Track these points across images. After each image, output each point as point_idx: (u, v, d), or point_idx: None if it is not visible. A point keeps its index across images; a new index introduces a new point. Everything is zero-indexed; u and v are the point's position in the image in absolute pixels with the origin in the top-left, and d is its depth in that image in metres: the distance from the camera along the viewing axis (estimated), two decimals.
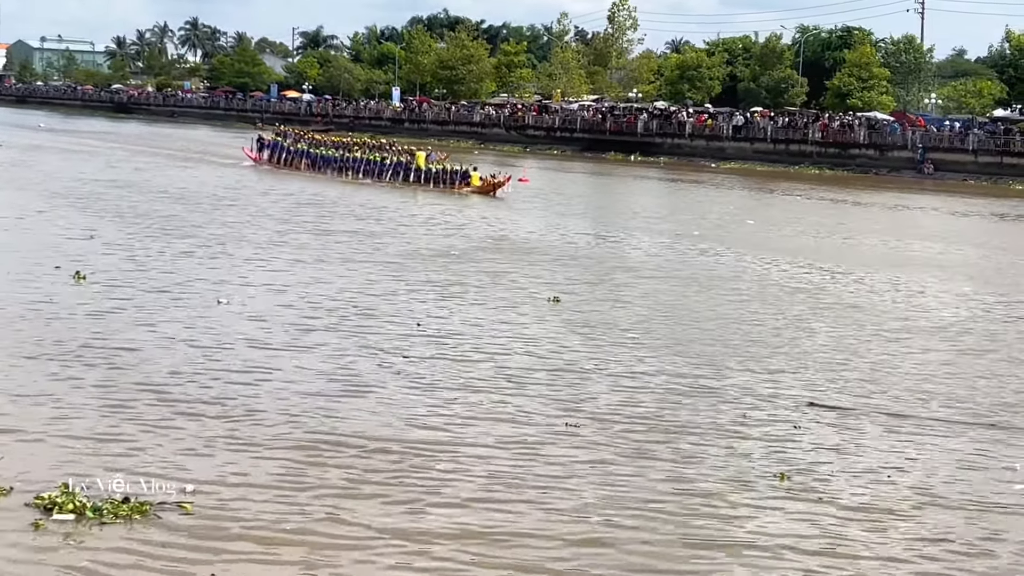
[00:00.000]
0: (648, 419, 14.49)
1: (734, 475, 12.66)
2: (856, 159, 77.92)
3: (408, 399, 14.93)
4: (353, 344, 17.88)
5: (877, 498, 12.12)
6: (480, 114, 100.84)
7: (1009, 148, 72.49)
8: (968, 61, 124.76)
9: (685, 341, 19.40)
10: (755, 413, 15.05)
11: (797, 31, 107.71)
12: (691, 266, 28.99)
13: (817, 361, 18.47)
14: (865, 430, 14.64)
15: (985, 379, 17.76)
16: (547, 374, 16.60)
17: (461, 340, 18.64)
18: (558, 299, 22.54)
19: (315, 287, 22.80)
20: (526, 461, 12.71)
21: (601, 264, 28.42)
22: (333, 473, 12.00)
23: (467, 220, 37.46)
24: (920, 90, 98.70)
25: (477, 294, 23.12)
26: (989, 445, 14.14)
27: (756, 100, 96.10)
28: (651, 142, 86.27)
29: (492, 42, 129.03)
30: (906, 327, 21.76)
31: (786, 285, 26.44)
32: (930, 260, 32.98)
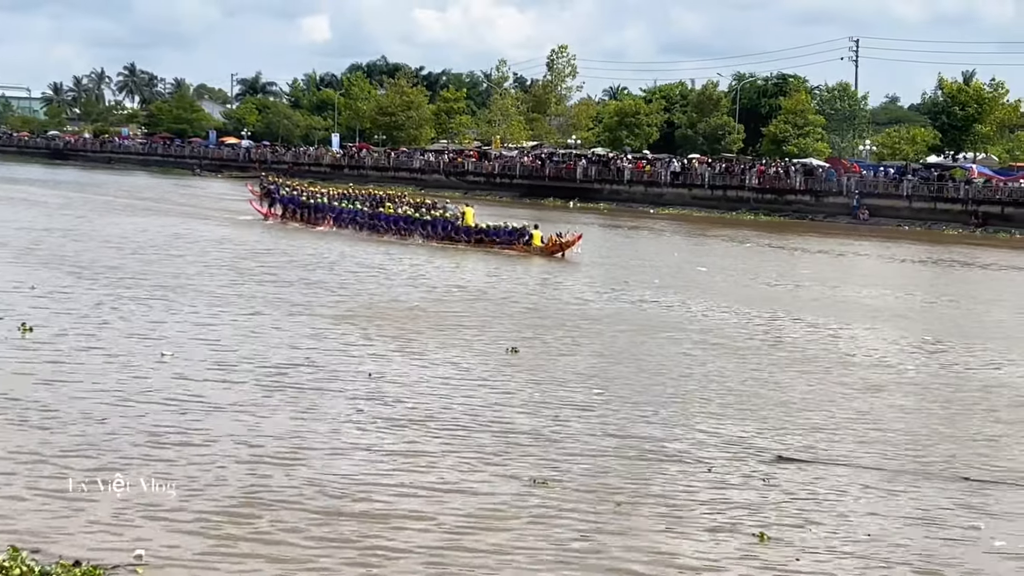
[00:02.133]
0: (614, 482, 14.11)
1: (713, 537, 12.40)
2: (792, 205, 78.69)
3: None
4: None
5: (860, 557, 12.05)
6: (420, 160, 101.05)
7: (942, 194, 73.54)
8: (901, 108, 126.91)
9: (650, 395, 19.10)
10: (724, 468, 14.86)
11: (733, 78, 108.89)
12: (659, 316, 28.85)
13: (786, 412, 18.34)
14: (835, 484, 14.46)
15: (949, 431, 17.74)
16: (507, 431, 16.26)
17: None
18: (516, 350, 22.27)
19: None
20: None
21: (560, 315, 28.05)
22: (286, 539, 11.72)
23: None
24: (855, 137, 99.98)
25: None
26: (960, 499, 14.10)
27: (693, 146, 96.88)
28: (590, 188, 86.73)
29: (431, 88, 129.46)
30: (865, 377, 21.72)
31: (749, 335, 26.38)
32: (882, 308, 33.22)
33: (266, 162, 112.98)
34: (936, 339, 27.19)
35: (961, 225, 70.70)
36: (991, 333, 29.13)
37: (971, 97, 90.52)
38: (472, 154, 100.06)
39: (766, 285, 38.03)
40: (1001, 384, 21.81)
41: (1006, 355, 25.43)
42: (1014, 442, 17.15)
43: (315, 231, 49.89)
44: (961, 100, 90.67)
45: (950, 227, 70.33)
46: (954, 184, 74.20)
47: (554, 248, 43.79)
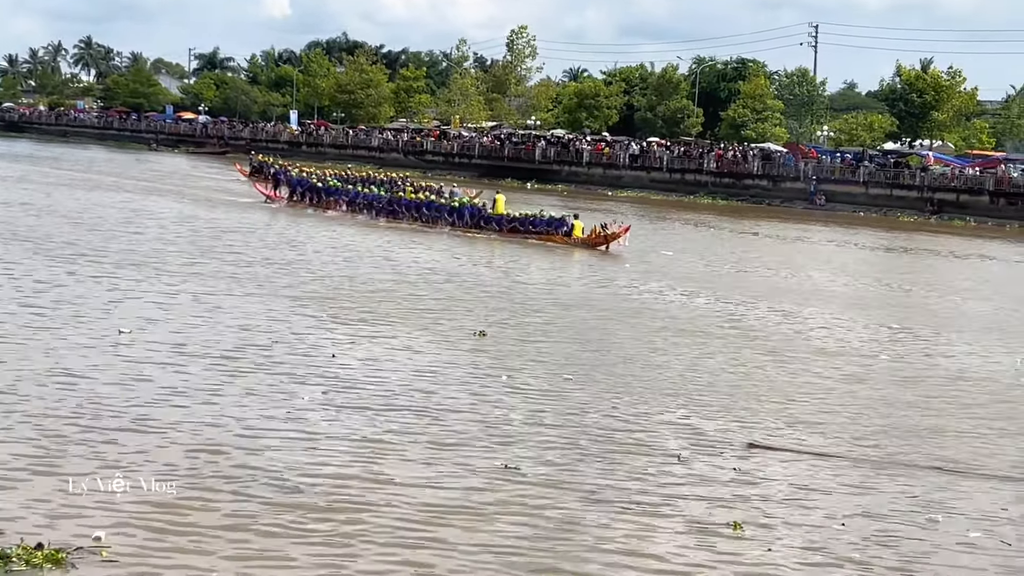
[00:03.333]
0: (583, 470, 13.86)
1: (686, 526, 12.24)
2: (750, 189, 78.99)
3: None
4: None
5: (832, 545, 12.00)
6: (378, 139, 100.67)
7: (898, 181, 74.08)
8: (859, 95, 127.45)
9: (619, 380, 18.85)
10: (695, 456, 14.71)
11: (693, 62, 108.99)
12: (629, 301, 28.59)
13: (755, 399, 18.23)
14: (807, 472, 14.38)
15: (918, 419, 17.70)
16: (477, 414, 16.06)
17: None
18: (484, 333, 21.98)
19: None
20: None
21: (529, 298, 27.75)
22: (251, 517, 11.54)
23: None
24: (813, 122, 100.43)
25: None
26: (934, 488, 14.07)
27: (652, 129, 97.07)
28: (549, 169, 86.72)
29: (391, 67, 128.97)
30: (832, 364, 21.73)
31: (717, 321, 26.22)
32: (844, 295, 33.32)
33: (223, 137, 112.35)
34: (899, 326, 27.32)
35: (917, 212, 71.25)
36: (953, 321, 29.39)
37: (928, 85, 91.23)
38: (431, 133, 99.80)
39: (730, 270, 38.02)
40: (964, 371, 21.94)
41: (969, 343, 25.63)
42: (984, 431, 17.16)
43: (327, 216, 47.29)
44: (918, 87, 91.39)
45: (905, 214, 70.88)
46: (910, 171, 74.75)
47: (597, 240, 41.01)
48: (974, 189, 71.62)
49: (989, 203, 70.62)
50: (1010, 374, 22.09)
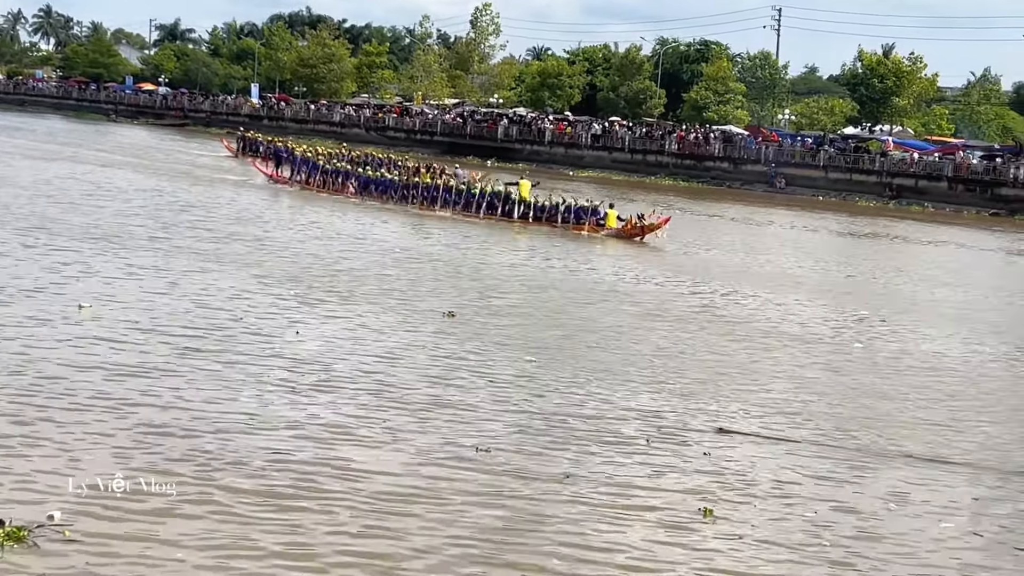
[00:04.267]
0: (550, 456, 13.62)
1: (656, 513, 12.07)
2: (711, 171, 79.27)
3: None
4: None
5: (803, 533, 11.94)
6: (340, 114, 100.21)
7: (858, 165, 74.55)
8: (821, 79, 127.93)
9: (586, 364, 18.69)
10: (664, 441, 14.54)
11: (656, 43, 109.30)
12: (596, 284, 28.56)
13: (724, 383, 18.16)
14: (777, 458, 14.26)
15: (887, 406, 17.72)
16: (441, 395, 15.88)
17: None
18: (453, 314, 21.74)
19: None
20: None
21: (494, 280, 27.53)
22: (212, 502, 11.27)
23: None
24: (774, 105, 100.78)
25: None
26: (904, 476, 14.01)
27: (615, 110, 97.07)
28: (511, 148, 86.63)
29: (354, 42, 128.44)
30: (800, 349, 21.76)
31: (684, 305, 26.19)
32: (808, 279, 33.59)
33: (183, 109, 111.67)
34: (869, 313, 27.45)
35: (875, 197, 71.70)
36: (922, 308, 29.52)
37: (890, 70, 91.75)
38: (393, 109, 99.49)
39: (697, 253, 38.04)
40: (934, 359, 22.00)
41: (938, 330, 25.76)
42: (954, 419, 17.18)
43: (337, 199, 45.01)
44: (880, 73, 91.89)
45: (865, 198, 71.34)
46: (870, 156, 75.19)
47: (633, 231, 39.01)
48: (933, 175, 72.15)
49: (947, 189, 71.17)
50: (978, 361, 22.14)
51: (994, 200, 69.19)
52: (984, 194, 69.94)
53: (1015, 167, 69.79)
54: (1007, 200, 68.72)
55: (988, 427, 16.89)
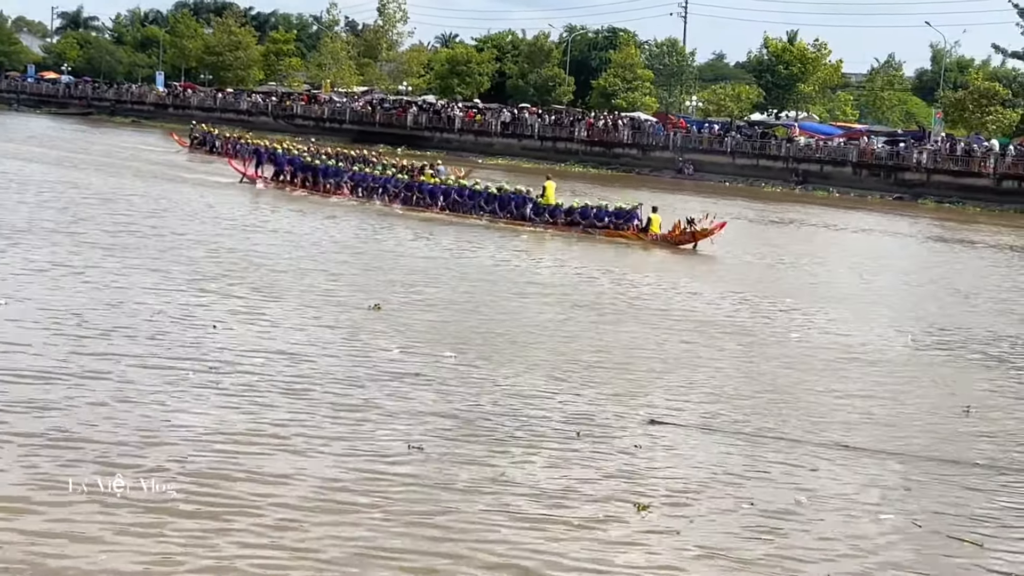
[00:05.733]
0: (478, 453, 13.33)
1: (589, 509, 11.77)
2: (620, 158, 79.81)
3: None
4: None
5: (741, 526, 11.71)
6: (247, 102, 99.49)
7: (764, 151, 75.48)
8: (728, 65, 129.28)
9: (516, 355, 18.48)
10: (595, 433, 14.30)
11: (565, 30, 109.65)
12: (522, 275, 28.20)
13: (652, 374, 18.03)
14: (711, 449, 14.09)
15: (817, 395, 17.67)
16: (375, 387, 15.60)
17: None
18: (379, 306, 21.34)
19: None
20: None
21: (422, 272, 27.04)
22: (112, 515, 10.61)
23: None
24: (682, 92, 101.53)
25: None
26: (841, 466, 13.91)
27: (524, 97, 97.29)
28: (420, 135, 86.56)
29: (261, 29, 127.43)
30: (723, 338, 21.66)
31: (609, 295, 25.96)
32: (739, 270, 33.24)
33: (87, 98, 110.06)
34: (792, 301, 27.49)
35: (782, 182, 72.64)
36: (842, 295, 29.69)
37: (795, 57, 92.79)
38: (301, 97, 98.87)
39: (613, 241, 37.24)
40: (860, 348, 21.89)
41: (860, 318, 25.71)
42: (883, 408, 17.12)
43: (331, 201, 41.93)
44: (785, 59, 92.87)
45: (771, 184, 72.19)
46: (776, 142, 76.10)
47: (681, 237, 35.80)
48: (838, 160, 73.27)
49: (852, 174, 72.32)
50: (901, 350, 22.22)
51: (898, 185, 70.36)
52: (888, 179, 71.14)
53: (918, 152, 71.05)
54: (910, 185, 69.90)
55: (916, 415, 16.91)
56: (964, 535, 11.88)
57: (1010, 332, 25.09)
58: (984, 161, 68.17)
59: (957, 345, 23.02)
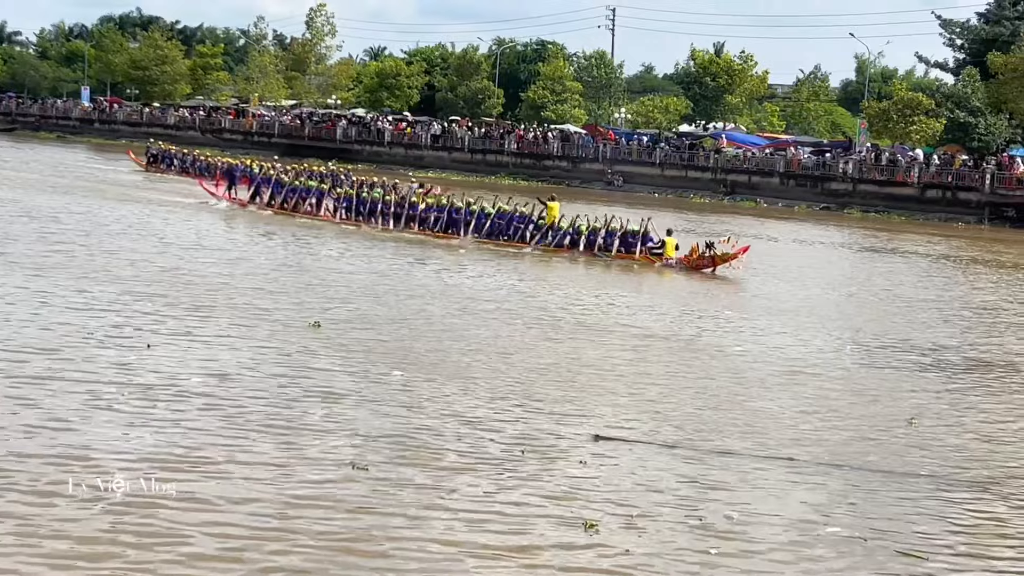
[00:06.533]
0: (420, 472, 13.17)
1: (536, 528, 11.68)
2: (550, 170, 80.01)
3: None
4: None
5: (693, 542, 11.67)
6: (174, 116, 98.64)
7: (693, 163, 75.98)
8: (656, 77, 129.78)
9: (459, 372, 18.37)
10: (540, 450, 14.24)
11: (494, 43, 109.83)
12: (467, 291, 27.93)
13: (597, 389, 17.98)
14: (657, 464, 14.04)
15: (767, 408, 17.68)
16: (314, 407, 15.41)
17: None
18: (319, 324, 21.16)
19: None
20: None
21: (360, 287, 26.89)
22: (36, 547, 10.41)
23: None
24: (611, 104, 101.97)
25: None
26: (785, 481, 13.89)
27: (454, 110, 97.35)
28: (350, 149, 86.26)
29: (187, 43, 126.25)
30: (676, 353, 21.65)
31: (555, 311, 25.80)
32: (678, 283, 33.20)
33: (11, 114, 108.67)
34: (733, 313, 27.62)
35: (710, 193, 73.14)
36: (781, 307, 29.65)
37: (722, 68, 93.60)
38: (229, 112, 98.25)
39: (544, 256, 36.77)
40: (799, 360, 21.88)
41: (799, 329, 25.77)
42: (824, 421, 17.15)
43: (308, 222, 40.55)
44: (712, 71, 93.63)
45: (700, 195, 72.65)
46: (704, 153, 76.65)
47: (699, 262, 34.26)
48: (765, 171, 73.90)
49: (779, 184, 72.95)
50: (842, 361, 22.25)
51: (824, 195, 71.12)
52: (815, 189, 71.87)
53: (844, 162, 71.81)
54: (837, 195, 70.66)
55: (860, 427, 16.93)
56: (910, 548, 11.93)
57: (951, 342, 25.27)
58: (909, 171, 69.02)
59: (898, 355, 23.11)
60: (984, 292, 35.55)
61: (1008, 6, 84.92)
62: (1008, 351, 24.51)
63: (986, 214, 65.19)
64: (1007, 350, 24.64)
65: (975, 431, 17.19)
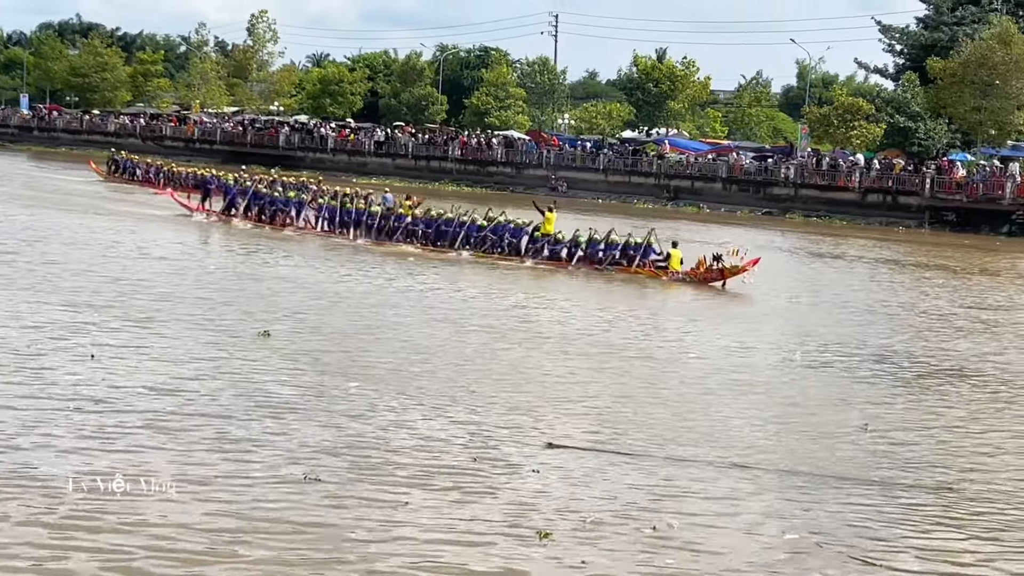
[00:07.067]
0: (373, 480, 13.14)
1: (488, 538, 11.60)
2: (494, 176, 80.00)
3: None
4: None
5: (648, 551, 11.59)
6: (115, 124, 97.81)
7: (636, 168, 76.25)
8: (599, 83, 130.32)
9: (409, 381, 18.23)
10: (492, 458, 14.20)
11: (437, 49, 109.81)
12: (414, 299, 27.85)
13: (547, 395, 17.97)
14: (611, 472, 13.97)
15: (718, 414, 17.68)
16: (263, 419, 15.26)
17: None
18: (268, 333, 21.00)
19: None
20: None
21: (312, 296, 26.71)
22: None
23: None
24: (554, 110, 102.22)
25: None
26: (738, 487, 13.87)
27: (397, 116, 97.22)
28: (293, 156, 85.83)
29: (128, 50, 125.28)
30: (627, 361, 21.53)
31: (501, 317, 25.85)
32: (633, 289, 33.09)
33: None
34: (682, 319, 27.70)
35: (654, 199, 73.34)
36: (730, 313, 29.87)
37: (664, 74, 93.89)
38: (170, 119, 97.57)
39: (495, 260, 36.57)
40: (751, 367, 21.92)
41: (750, 336, 25.75)
42: (776, 427, 17.18)
43: (288, 234, 39.74)
44: (655, 77, 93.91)
45: (643, 200, 72.83)
46: (647, 159, 76.97)
47: (707, 275, 33.22)
48: (708, 176, 74.28)
49: (722, 190, 73.38)
50: (795, 367, 22.27)
51: (767, 200, 71.52)
52: (757, 194, 72.28)
53: (786, 167, 72.31)
54: (779, 199, 71.10)
55: (815, 433, 16.94)
56: (866, 554, 11.95)
57: (903, 347, 25.35)
58: (849, 175, 69.58)
59: (852, 361, 23.15)
60: (933, 297, 35.68)
61: (946, 12, 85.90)
62: (960, 356, 24.63)
63: (926, 218, 65.80)
64: (959, 355, 24.74)
65: (929, 436, 17.28)
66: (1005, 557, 12.28)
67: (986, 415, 19.02)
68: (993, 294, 37.63)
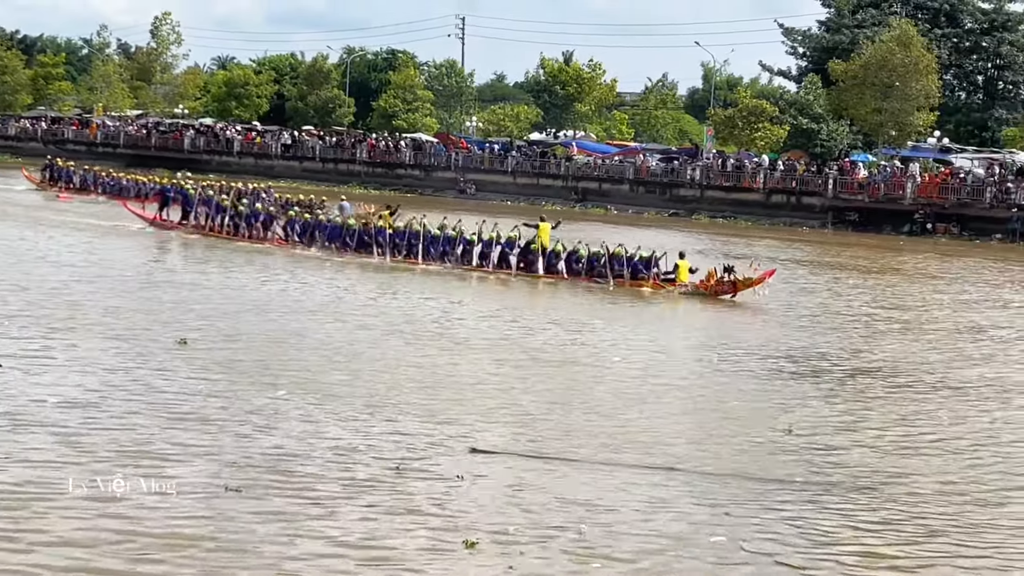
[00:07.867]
0: (297, 490, 13.01)
1: (413, 547, 11.51)
2: (403, 179, 79.91)
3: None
4: None
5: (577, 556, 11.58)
6: (15, 127, 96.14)
7: (544, 170, 76.52)
8: (507, 86, 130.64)
9: (328, 388, 18.10)
10: (416, 466, 14.08)
11: (344, 52, 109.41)
12: (337, 303, 27.84)
13: (468, 401, 17.90)
14: (534, 476, 13.98)
15: (641, 416, 17.74)
16: (175, 429, 15.01)
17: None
18: (185, 341, 20.69)
19: None
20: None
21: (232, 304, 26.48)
22: None
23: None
24: (462, 113, 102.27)
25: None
26: (665, 489, 13.92)
27: (304, 119, 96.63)
28: (199, 159, 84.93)
29: (28, 53, 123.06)
30: (548, 365, 21.54)
31: (423, 323, 25.66)
32: (551, 294, 33.25)
33: None
34: (602, 321, 27.73)
35: (562, 200, 73.58)
36: (643, 315, 29.97)
37: (571, 77, 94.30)
38: (72, 122, 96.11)
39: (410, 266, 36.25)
40: (672, 369, 22.13)
41: (670, 338, 26.18)
42: (699, 429, 17.33)
43: (250, 246, 38.47)
44: (562, 80, 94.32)
45: (551, 202, 73.02)
46: (555, 161, 77.28)
47: (718, 287, 32.21)
48: (615, 178, 74.79)
49: (629, 191, 73.93)
50: (713, 371, 22.35)
51: (673, 201, 72.16)
52: (664, 195, 72.90)
53: (692, 169, 73.05)
54: (685, 200, 71.78)
55: (738, 435, 17.01)
56: (789, 556, 12.06)
57: (824, 349, 25.51)
58: (754, 176, 70.42)
59: (773, 364, 23.28)
60: (849, 298, 36.01)
61: (847, 15, 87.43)
62: (881, 357, 24.93)
63: (829, 218, 66.81)
64: (880, 356, 25.05)
65: (853, 437, 17.47)
66: (930, 559, 12.45)
67: (909, 415, 19.26)
68: (906, 294, 38.28)
